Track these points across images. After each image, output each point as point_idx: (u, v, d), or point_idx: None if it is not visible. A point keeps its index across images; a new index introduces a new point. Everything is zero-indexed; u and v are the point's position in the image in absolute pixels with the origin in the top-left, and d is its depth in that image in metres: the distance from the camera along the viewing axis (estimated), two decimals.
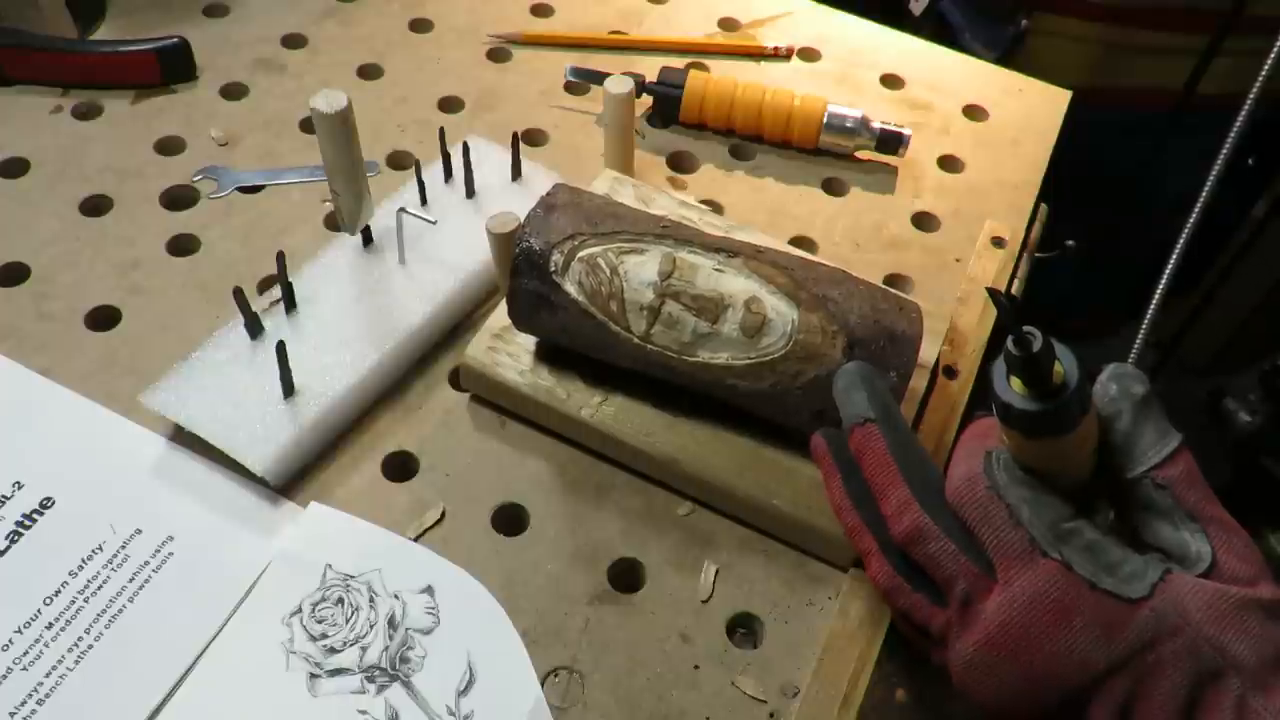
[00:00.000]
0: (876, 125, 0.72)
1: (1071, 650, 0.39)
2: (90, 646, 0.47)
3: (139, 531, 0.51)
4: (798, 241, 0.68)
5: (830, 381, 0.49)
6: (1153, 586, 0.39)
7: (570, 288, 0.51)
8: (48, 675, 0.46)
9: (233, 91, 0.74)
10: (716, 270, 0.51)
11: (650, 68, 0.76)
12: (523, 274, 0.52)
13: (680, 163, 0.74)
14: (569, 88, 0.77)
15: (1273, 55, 0.58)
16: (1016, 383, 0.39)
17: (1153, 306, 0.57)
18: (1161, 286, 0.58)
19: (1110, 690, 0.39)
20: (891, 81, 0.81)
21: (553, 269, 0.51)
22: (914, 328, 0.51)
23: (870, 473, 0.46)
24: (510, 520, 0.53)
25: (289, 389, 0.54)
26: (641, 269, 0.51)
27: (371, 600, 0.49)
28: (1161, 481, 0.41)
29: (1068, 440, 0.39)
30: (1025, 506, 0.40)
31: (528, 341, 0.57)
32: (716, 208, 0.70)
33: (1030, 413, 0.38)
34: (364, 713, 0.46)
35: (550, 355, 0.56)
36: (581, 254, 0.51)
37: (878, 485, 0.45)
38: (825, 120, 0.72)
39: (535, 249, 0.51)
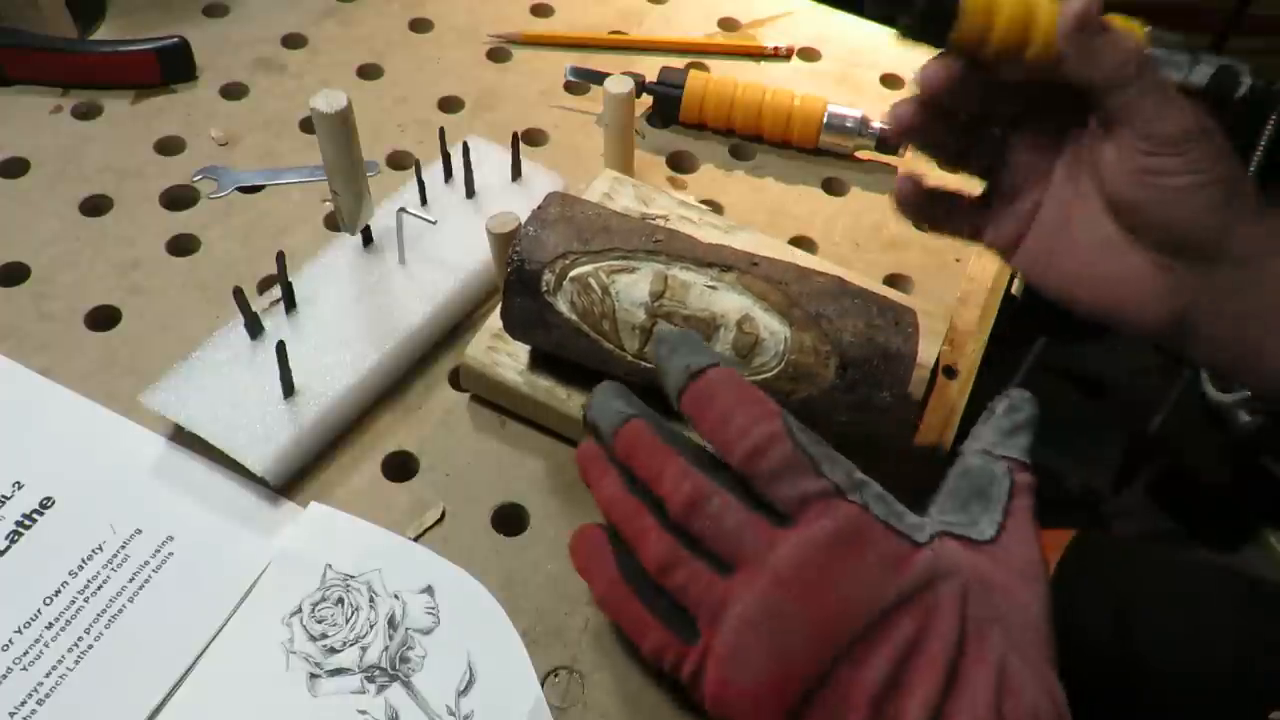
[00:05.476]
0: (876, 125, 0.72)
1: (863, 581, 0.39)
2: (90, 646, 0.47)
3: (139, 531, 0.51)
4: (798, 241, 0.68)
5: (822, 402, 0.49)
6: (932, 537, 0.41)
7: (563, 307, 0.51)
8: (48, 675, 0.46)
9: (233, 91, 0.74)
10: (708, 287, 0.51)
11: (650, 68, 0.76)
12: (515, 292, 0.52)
13: (680, 163, 0.74)
14: (569, 88, 0.77)
15: None
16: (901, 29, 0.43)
17: None
18: None
19: (893, 633, 0.39)
20: (891, 81, 0.81)
21: (545, 288, 0.51)
22: (909, 344, 0.51)
23: (643, 463, 0.43)
24: (510, 520, 0.53)
25: (289, 389, 0.54)
26: (633, 289, 0.51)
27: (371, 600, 0.49)
28: (1017, 477, 0.44)
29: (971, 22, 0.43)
30: (825, 461, 0.41)
31: None
32: (716, 208, 0.70)
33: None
34: (364, 713, 0.46)
35: (550, 355, 0.56)
36: (573, 274, 0.51)
37: (652, 471, 0.43)
38: (825, 120, 0.72)
39: (527, 269, 0.51)
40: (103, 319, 0.60)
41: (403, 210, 0.60)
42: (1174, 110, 0.45)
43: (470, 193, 0.65)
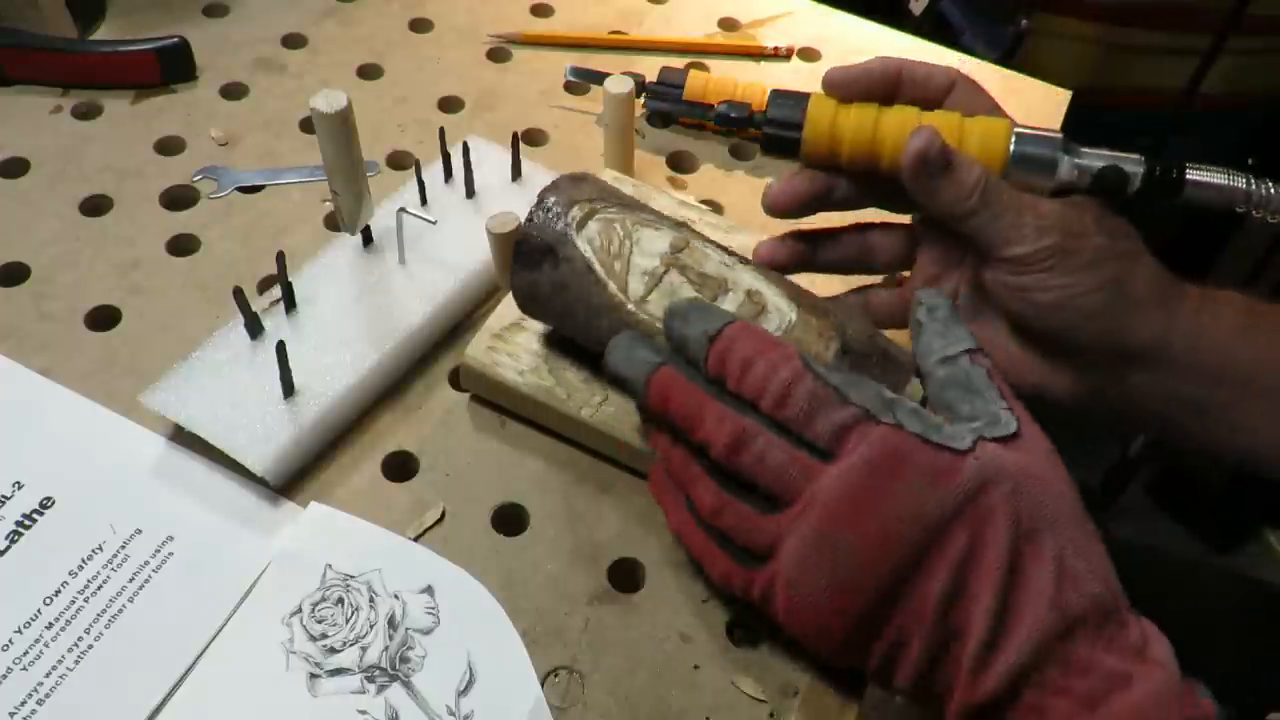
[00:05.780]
0: None
1: (907, 501, 0.39)
2: (90, 646, 0.47)
3: (139, 531, 0.51)
4: None
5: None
6: (974, 443, 0.40)
7: (581, 243, 0.51)
8: (48, 675, 0.46)
9: (233, 91, 0.74)
10: (724, 265, 0.51)
11: (650, 68, 0.76)
12: (535, 220, 0.52)
13: (680, 163, 0.74)
14: (569, 88, 0.77)
15: None
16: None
17: None
18: None
19: (947, 547, 0.39)
20: None
21: (570, 220, 0.51)
22: (908, 358, 0.51)
23: (679, 409, 0.44)
24: (510, 520, 0.53)
25: (289, 389, 0.54)
26: (655, 240, 0.51)
27: (371, 600, 0.49)
28: (981, 362, 0.43)
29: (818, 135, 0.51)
30: (851, 389, 0.41)
31: (528, 341, 0.57)
32: (716, 208, 0.70)
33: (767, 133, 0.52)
34: (364, 713, 0.46)
35: (550, 355, 0.56)
36: (600, 214, 0.52)
37: (689, 416, 0.43)
38: None
39: (558, 199, 0.52)
40: (103, 319, 0.60)
41: (403, 210, 0.60)
42: (1028, 231, 0.45)
43: (470, 193, 0.65)
